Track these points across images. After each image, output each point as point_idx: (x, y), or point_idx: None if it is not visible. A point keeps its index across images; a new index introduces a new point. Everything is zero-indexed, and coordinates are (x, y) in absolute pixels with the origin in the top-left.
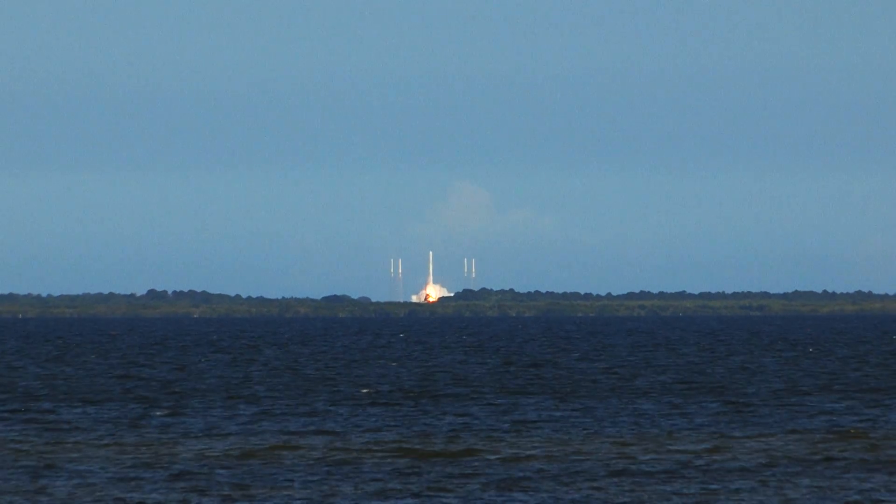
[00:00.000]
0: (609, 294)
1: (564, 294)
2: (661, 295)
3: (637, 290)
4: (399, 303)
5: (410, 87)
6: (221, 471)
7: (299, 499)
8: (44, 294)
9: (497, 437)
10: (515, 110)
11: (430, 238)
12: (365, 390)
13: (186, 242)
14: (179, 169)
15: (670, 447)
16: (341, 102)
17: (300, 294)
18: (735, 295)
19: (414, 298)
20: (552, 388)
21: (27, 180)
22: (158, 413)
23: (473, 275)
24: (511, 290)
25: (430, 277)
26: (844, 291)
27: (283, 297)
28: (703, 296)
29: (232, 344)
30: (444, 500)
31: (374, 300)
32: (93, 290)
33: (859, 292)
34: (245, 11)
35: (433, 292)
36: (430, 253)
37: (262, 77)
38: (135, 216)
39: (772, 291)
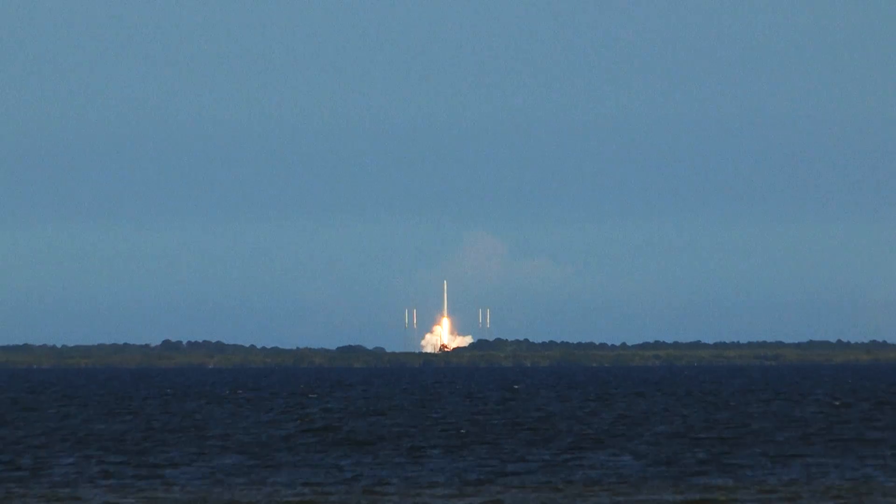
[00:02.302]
0: (624, 344)
1: (579, 344)
2: (676, 345)
3: (652, 340)
4: (414, 353)
5: (424, 135)
6: None
7: None
8: (58, 345)
9: None
10: (531, 160)
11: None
12: None
13: (201, 293)
14: (193, 220)
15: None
16: (354, 151)
17: (315, 344)
18: (750, 345)
19: (425, 345)
20: None
21: (41, 231)
22: None
23: (488, 325)
24: (526, 339)
25: (445, 309)
26: (859, 341)
27: (298, 348)
28: (718, 345)
29: None
30: None
31: (388, 350)
32: (107, 341)
33: (874, 342)
34: (260, 60)
35: (446, 336)
36: (445, 282)
37: (274, 128)
38: (149, 266)
39: (786, 341)
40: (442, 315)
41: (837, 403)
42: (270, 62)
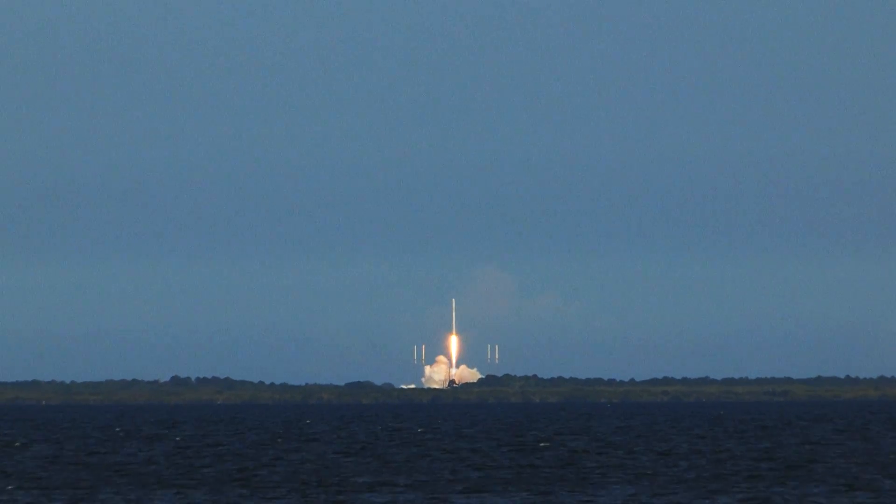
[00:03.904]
0: (632, 380)
1: (587, 380)
2: (685, 381)
3: (660, 376)
4: (423, 389)
5: (434, 171)
6: None
7: None
8: (67, 381)
9: None
10: (540, 196)
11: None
12: None
13: (210, 329)
14: (202, 256)
15: None
16: (363, 187)
17: (323, 380)
18: (758, 381)
19: (427, 377)
20: None
21: (49, 267)
22: None
23: (497, 360)
24: (534, 375)
25: (454, 327)
26: (867, 377)
27: (307, 384)
28: (726, 381)
29: None
30: None
31: (397, 386)
32: (116, 377)
33: (882, 377)
34: (267, 99)
35: (449, 370)
36: (453, 300)
37: (282, 164)
38: (158, 303)
39: (795, 377)
40: (451, 333)
41: None
42: (283, 103)
